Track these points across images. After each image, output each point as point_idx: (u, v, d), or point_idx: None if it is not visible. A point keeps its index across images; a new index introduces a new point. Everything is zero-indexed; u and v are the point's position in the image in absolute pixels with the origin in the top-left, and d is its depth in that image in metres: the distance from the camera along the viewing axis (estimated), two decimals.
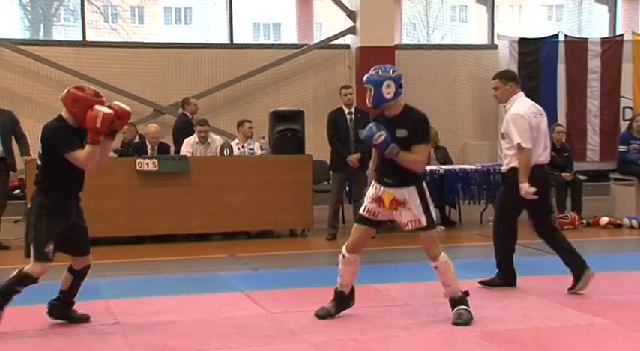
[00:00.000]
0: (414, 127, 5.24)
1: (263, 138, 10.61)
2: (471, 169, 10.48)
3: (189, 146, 9.99)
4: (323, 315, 5.49)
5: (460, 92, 13.84)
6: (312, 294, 6.14)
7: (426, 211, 5.29)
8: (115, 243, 9.03)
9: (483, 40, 14.47)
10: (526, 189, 6.04)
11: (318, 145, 11.05)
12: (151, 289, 6.63)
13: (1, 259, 8.61)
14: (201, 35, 14.28)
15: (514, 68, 13.54)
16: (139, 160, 9.17)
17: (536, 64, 13.60)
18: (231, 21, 13.05)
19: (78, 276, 5.34)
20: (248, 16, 14.94)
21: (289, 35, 15.22)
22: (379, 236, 9.68)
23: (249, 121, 10.39)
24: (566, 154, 11.17)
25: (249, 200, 9.39)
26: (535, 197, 6.08)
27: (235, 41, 13.12)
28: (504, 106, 6.57)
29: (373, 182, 5.46)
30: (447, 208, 10.65)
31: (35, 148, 9.96)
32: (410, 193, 5.26)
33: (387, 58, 12.77)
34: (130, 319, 5.59)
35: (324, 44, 13.24)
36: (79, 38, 12.59)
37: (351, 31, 13.03)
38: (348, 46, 13.22)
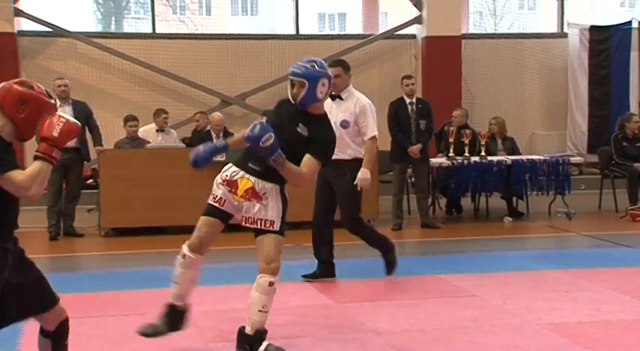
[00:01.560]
0: (317, 132, 4.54)
1: None
2: (540, 160, 10.33)
3: None
4: (151, 334, 4.63)
5: (528, 82, 13.63)
6: (379, 284, 6.16)
7: (282, 217, 4.57)
8: (184, 231, 9.16)
9: (552, 28, 14.21)
10: (368, 176, 6.16)
11: (382, 136, 10.99)
12: (219, 278, 6.71)
13: (76, 247, 8.87)
14: (266, 26, 14.39)
15: (585, 57, 13.32)
16: None
17: (607, 53, 13.30)
18: (297, 11, 13.10)
19: (56, 337, 3.72)
20: (313, 6, 14.98)
21: (354, 25, 15.21)
22: (445, 227, 9.68)
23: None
24: (638, 144, 10.91)
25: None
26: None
27: (301, 32, 13.18)
28: (345, 97, 6.35)
29: (231, 164, 4.70)
30: (515, 199, 10.53)
31: (109, 139, 10.29)
32: (273, 190, 4.54)
33: (454, 47, 12.71)
34: (199, 306, 5.66)
35: (390, 34, 13.19)
36: (149, 30, 12.81)
37: (417, 20, 12.94)
38: (413, 36, 13.14)
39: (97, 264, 8.18)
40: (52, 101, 3.58)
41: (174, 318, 4.66)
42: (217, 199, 4.68)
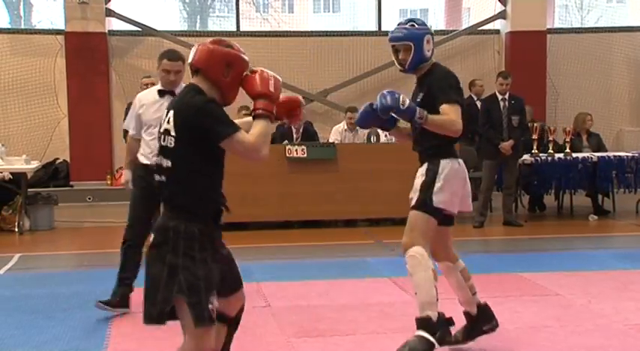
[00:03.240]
0: (434, 85, 4.25)
1: None
2: (627, 157, 10.08)
3: (337, 133, 10.17)
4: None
5: (616, 77, 13.28)
6: None
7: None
8: (265, 227, 9.32)
9: None
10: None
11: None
12: (300, 273, 6.80)
13: None
14: (348, 23, 14.41)
15: None
16: (288, 147, 9.41)
17: None
18: (379, 8, 13.09)
19: (235, 324, 3.50)
20: (395, 2, 14.95)
21: (437, 21, 15.10)
22: (527, 225, 9.54)
23: None
24: None
25: (396, 187, 9.35)
26: None
27: (383, 28, 13.16)
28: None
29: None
30: (600, 196, 10.29)
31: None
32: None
33: (539, 42, 12.49)
34: (281, 302, 5.76)
35: (473, 29, 13.04)
36: (233, 28, 13.00)
37: (501, 15, 12.76)
38: (497, 31, 12.96)
39: None
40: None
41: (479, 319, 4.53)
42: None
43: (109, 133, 11.58)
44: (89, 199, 10.61)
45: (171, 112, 3.16)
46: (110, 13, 11.99)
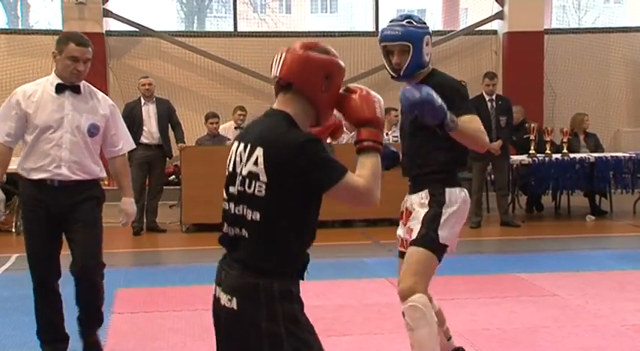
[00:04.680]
0: (444, 93, 3.41)
1: None
2: (624, 157, 10.08)
3: None
4: None
5: (613, 77, 13.30)
6: (457, 282, 6.12)
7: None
8: None
9: None
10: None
11: None
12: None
13: (159, 242, 9.09)
14: (346, 23, 14.42)
15: None
16: None
17: None
18: (376, 8, 13.10)
19: None
20: (393, 3, 14.92)
21: (434, 21, 15.11)
22: (524, 225, 9.55)
23: (395, 109, 10.43)
24: None
25: (392, 187, 9.37)
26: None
27: (380, 29, 13.17)
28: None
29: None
30: (598, 196, 10.30)
31: (190, 136, 10.52)
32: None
33: (536, 43, 12.52)
34: None
35: (471, 30, 13.07)
36: (231, 29, 13.02)
37: (499, 16, 12.79)
38: (495, 32, 12.99)
39: (178, 259, 8.37)
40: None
41: None
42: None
43: None
44: None
45: (259, 151, 2.42)
46: (107, 13, 12.00)
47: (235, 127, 10.39)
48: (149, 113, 9.38)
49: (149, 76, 9.80)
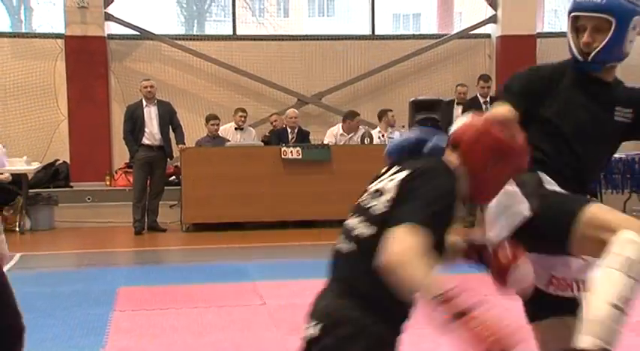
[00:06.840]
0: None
1: (403, 127, 10.82)
2: (615, 158, 10.27)
3: (332, 136, 10.39)
4: None
5: None
6: (456, 281, 6.29)
7: None
8: (261, 227, 9.51)
9: None
10: None
11: None
12: (295, 272, 6.88)
13: (159, 241, 9.27)
14: (343, 27, 14.56)
15: None
16: (283, 149, 9.61)
17: None
18: (372, 12, 13.27)
19: None
20: (389, 7, 15.13)
21: (429, 25, 15.29)
22: None
23: (391, 111, 10.65)
24: None
25: None
26: None
27: (376, 32, 13.35)
28: None
29: None
30: (588, 197, 10.48)
31: (191, 137, 10.69)
32: None
33: (529, 46, 12.68)
34: (276, 300, 5.89)
35: (465, 34, 13.24)
36: (230, 32, 13.17)
37: (492, 19, 12.96)
38: (488, 36, 13.16)
39: (178, 258, 8.54)
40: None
41: None
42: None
43: (108, 135, 11.73)
44: (89, 199, 10.77)
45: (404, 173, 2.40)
46: (109, 17, 12.17)
47: (236, 128, 10.59)
48: (151, 115, 9.58)
49: (150, 78, 9.99)
